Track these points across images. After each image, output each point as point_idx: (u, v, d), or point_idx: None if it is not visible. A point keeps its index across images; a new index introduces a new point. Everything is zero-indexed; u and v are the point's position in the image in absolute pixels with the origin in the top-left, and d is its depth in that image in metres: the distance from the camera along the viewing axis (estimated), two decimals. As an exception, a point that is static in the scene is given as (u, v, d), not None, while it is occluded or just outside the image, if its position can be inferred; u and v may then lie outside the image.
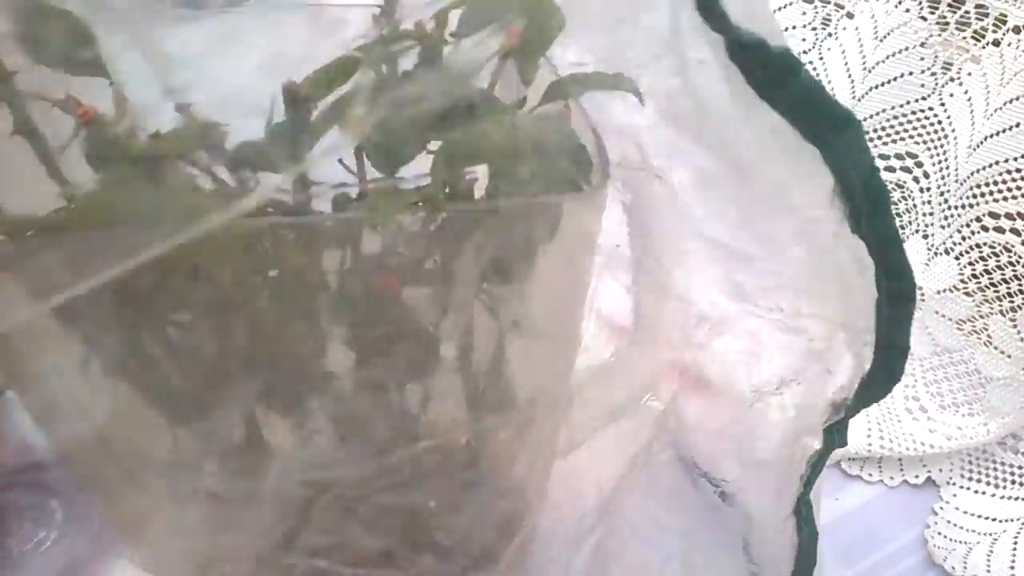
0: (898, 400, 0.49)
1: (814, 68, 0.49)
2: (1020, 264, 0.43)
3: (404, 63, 0.23)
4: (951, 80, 0.44)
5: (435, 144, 0.22)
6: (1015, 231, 0.42)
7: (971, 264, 0.44)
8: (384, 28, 0.23)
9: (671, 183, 0.29)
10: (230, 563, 0.25)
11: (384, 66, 0.23)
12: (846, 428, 0.27)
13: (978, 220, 0.44)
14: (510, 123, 0.22)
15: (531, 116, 0.23)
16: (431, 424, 0.26)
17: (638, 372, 0.36)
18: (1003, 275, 0.44)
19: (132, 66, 0.21)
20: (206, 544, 0.24)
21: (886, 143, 0.48)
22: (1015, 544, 0.43)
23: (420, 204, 0.21)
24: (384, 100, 0.20)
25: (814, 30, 0.49)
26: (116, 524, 0.26)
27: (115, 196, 0.19)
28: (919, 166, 0.47)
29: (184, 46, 0.25)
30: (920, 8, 0.44)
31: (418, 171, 0.22)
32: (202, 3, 0.28)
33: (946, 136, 0.45)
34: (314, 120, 0.21)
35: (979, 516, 0.45)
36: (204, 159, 0.21)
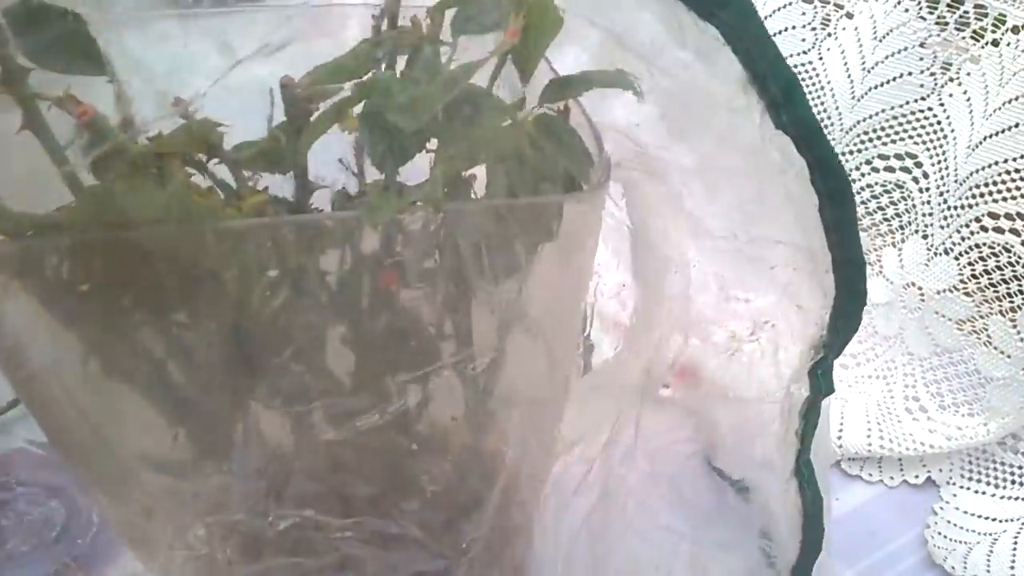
0: (898, 400, 0.49)
1: (814, 68, 0.49)
2: (1020, 264, 0.43)
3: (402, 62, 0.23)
4: (950, 80, 0.44)
5: (435, 144, 0.22)
6: (1014, 231, 0.42)
7: (971, 264, 0.44)
8: (384, 27, 0.23)
9: (671, 183, 0.29)
10: (218, 515, 0.24)
11: (384, 66, 0.23)
12: (831, 371, 0.27)
13: (977, 220, 0.44)
14: (510, 123, 0.22)
15: (531, 116, 0.23)
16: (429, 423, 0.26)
17: (638, 372, 0.36)
18: (1003, 275, 0.44)
19: (132, 66, 0.21)
20: (193, 501, 0.24)
21: (885, 143, 0.48)
22: (1015, 544, 0.43)
23: (420, 204, 0.21)
24: (383, 100, 0.20)
25: (814, 30, 0.49)
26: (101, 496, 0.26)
27: (115, 196, 0.19)
28: (919, 166, 0.47)
29: (184, 46, 0.25)
30: (919, 8, 0.44)
31: (418, 171, 0.22)
32: (203, 3, 0.28)
33: (945, 136, 0.45)
34: (314, 120, 0.21)
35: (979, 516, 0.45)
36: (204, 159, 0.21)
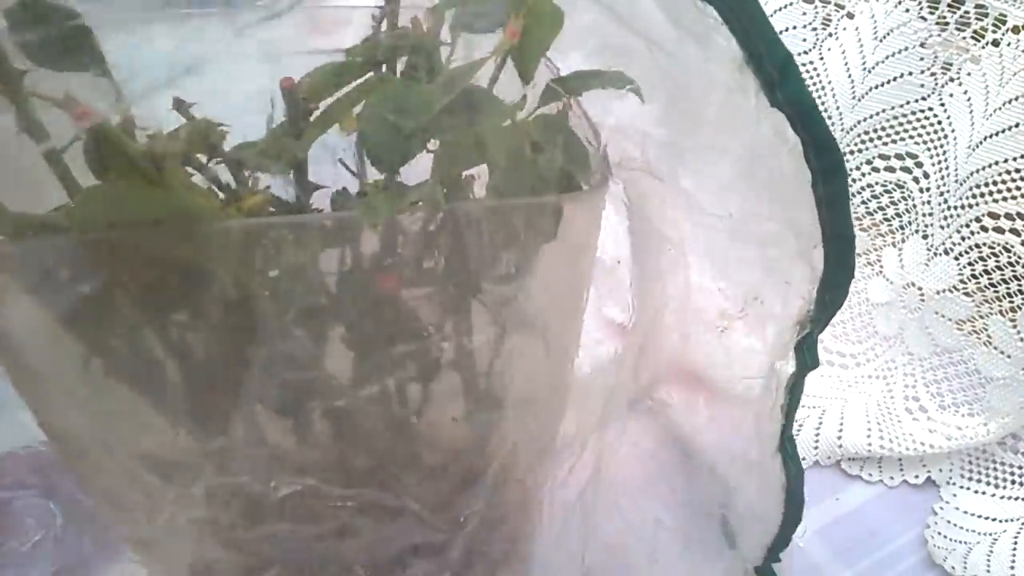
0: (898, 400, 0.49)
1: (815, 68, 0.49)
2: (1020, 264, 0.43)
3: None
4: (951, 80, 0.44)
5: (435, 144, 0.22)
6: (1015, 231, 0.42)
7: (971, 264, 0.44)
8: (383, 28, 0.23)
9: (671, 184, 0.29)
10: (222, 478, 0.24)
11: (384, 66, 0.23)
12: (815, 346, 0.27)
13: (978, 220, 0.44)
14: (510, 123, 0.22)
15: (531, 116, 0.23)
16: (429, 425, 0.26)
17: (638, 372, 0.36)
18: (1003, 275, 0.44)
19: (131, 66, 0.21)
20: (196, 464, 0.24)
21: (886, 143, 0.48)
22: (1015, 544, 0.43)
23: (420, 204, 0.21)
24: (383, 100, 0.20)
25: (814, 30, 0.49)
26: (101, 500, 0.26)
27: (115, 196, 0.19)
28: (919, 166, 0.47)
29: (184, 45, 0.25)
30: (920, 8, 0.44)
31: (418, 171, 0.22)
32: (203, 2, 0.28)
33: (946, 136, 0.45)
34: (314, 120, 0.21)
35: (979, 516, 0.45)
36: (204, 159, 0.21)
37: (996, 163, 0.42)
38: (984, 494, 0.46)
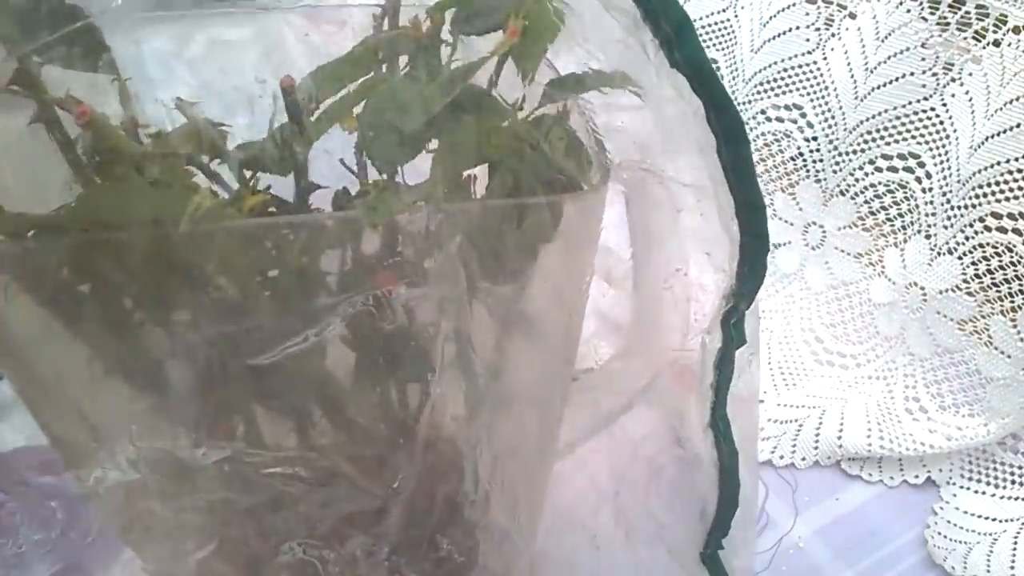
0: (898, 400, 0.49)
1: (818, 68, 0.49)
2: (1021, 264, 0.43)
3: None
4: (952, 80, 0.44)
5: (435, 144, 0.22)
6: (1017, 231, 0.42)
7: (973, 264, 0.44)
8: (384, 27, 0.23)
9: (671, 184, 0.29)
10: (150, 440, 0.24)
11: (384, 66, 0.23)
12: (742, 321, 0.27)
13: (980, 220, 0.44)
14: (510, 123, 0.22)
15: (531, 116, 0.23)
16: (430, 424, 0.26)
17: (638, 372, 0.36)
18: (1005, 275, 0.43)
19: (132, 66, 0.21)
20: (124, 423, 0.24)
21: (888, 143, 0.48)
22: (1015, 544, 0.43)
23: (420, 204, 0.21)
24: (384, 100, 0.20)
25: (817, 31, 0.49)
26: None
27: (115, 196, 0.19)
28: (921, 166, 0.47)
29: (184, 45, 0.25)
30: (921, 9, 0.44)
31: (418, 171, 0.22)
32: (204, 3, 0.28)
33: (948, 136, 0.45)
34: (314, 120, 0.21)
35: (979, 516, 0.45)
36: (205, 159, 0.21)
37: (998, 163, 0.42)
38: (984, 494, 0.46)
